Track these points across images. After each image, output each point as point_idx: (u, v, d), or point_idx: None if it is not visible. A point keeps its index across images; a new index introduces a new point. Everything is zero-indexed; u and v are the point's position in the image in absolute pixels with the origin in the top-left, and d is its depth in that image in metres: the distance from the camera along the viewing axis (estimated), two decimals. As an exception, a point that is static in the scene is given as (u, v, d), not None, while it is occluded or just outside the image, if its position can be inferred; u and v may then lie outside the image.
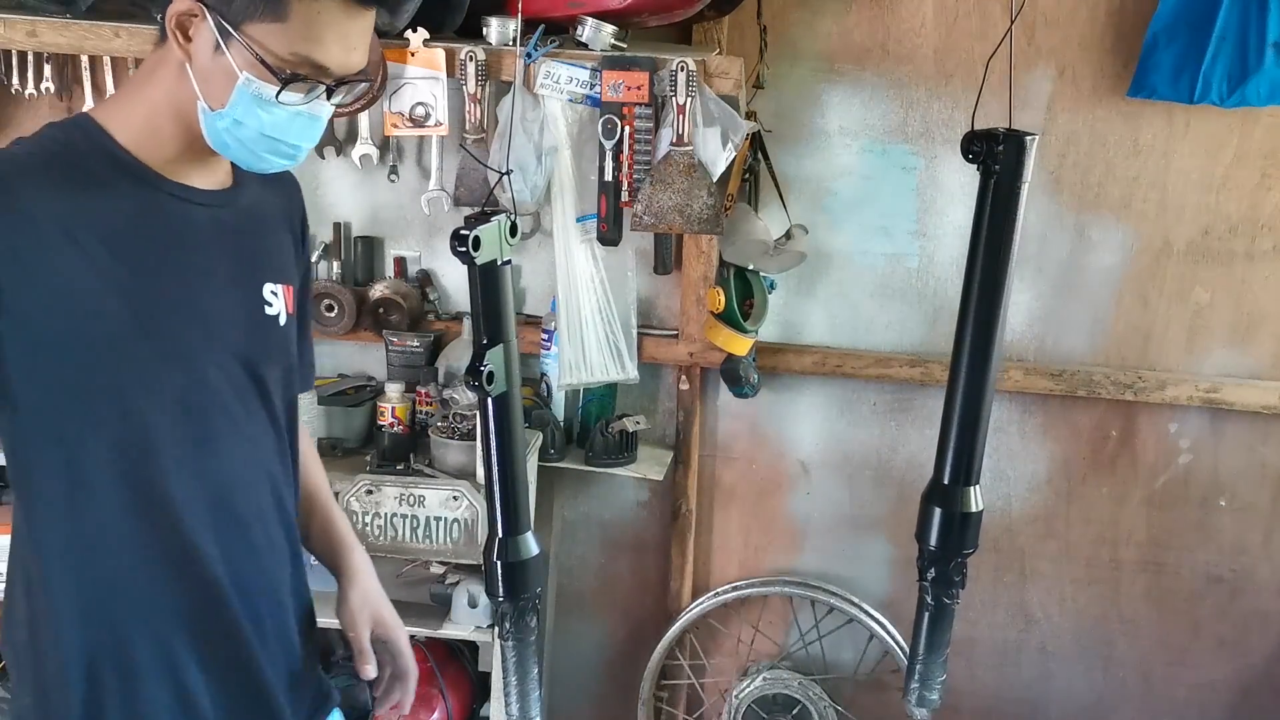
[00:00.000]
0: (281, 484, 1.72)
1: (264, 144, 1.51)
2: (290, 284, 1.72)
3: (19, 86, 2.81)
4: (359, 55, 1.50)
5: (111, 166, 1.52)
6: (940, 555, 1.26)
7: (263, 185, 1.71)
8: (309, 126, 1.53)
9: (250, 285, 1.65)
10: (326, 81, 1.49)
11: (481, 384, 1.23)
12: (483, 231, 1.21)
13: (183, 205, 1.57)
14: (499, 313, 1.25)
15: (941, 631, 1.28)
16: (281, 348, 1.69)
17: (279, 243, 1.73)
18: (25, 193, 1.43)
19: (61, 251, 1.44)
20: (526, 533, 1.26)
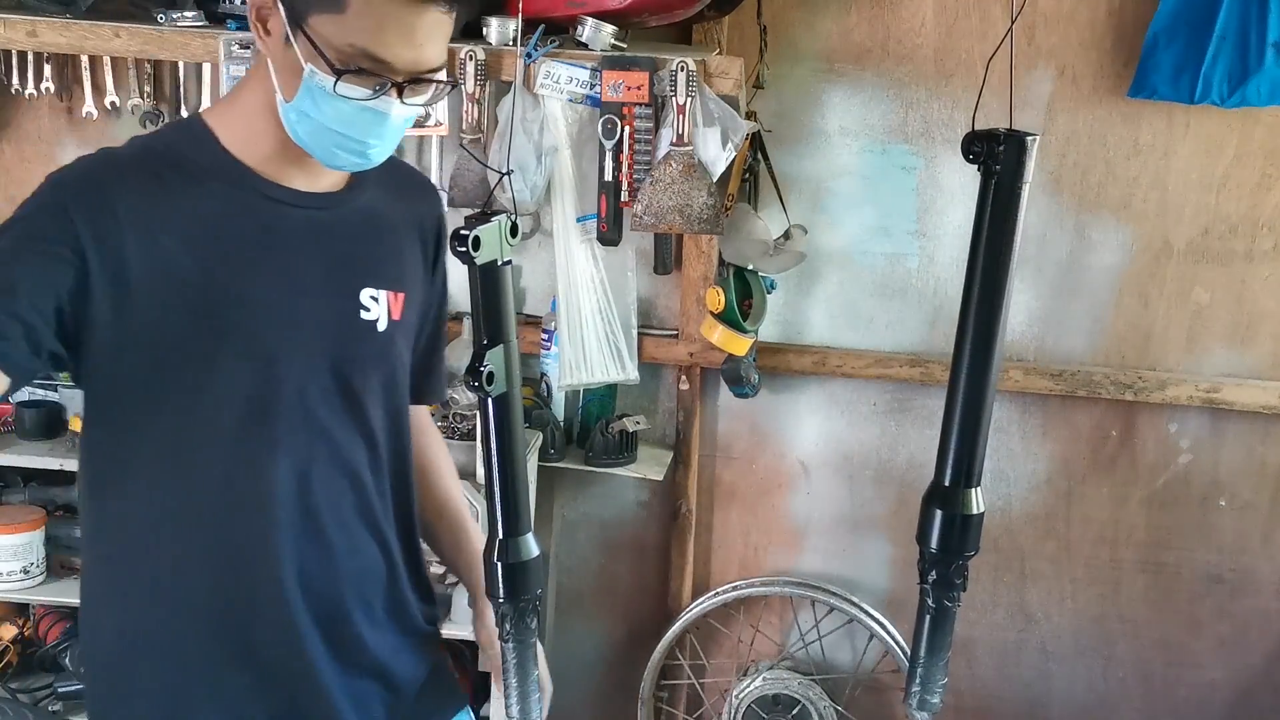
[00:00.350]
0: (372, 493, 1.67)
1: (331, 138, 1.50)
2: (400, 291, 1.66)
3: (19, 86, 2.81)
4: (429, 52, 1.46)
5: (209, 166, 1.54)
6: (941, 558, 1.25)
7: (390, 190, 1.69)
8: (376, 123, 1.49)
9: (346, 290, 1.61)
10: (392, 77, 1.46)
11: (481, 384, 1.23)
12: (483, 231, 1.21)
13: (276, 206, 1.56)
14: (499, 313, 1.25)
15: (943, 634, 1.28)
16: (379, 355, 1.64)
17: (395, 249, 1.69)
18: (112, 191, 1.48)
19: (142, 248, 1.46)
20: (527, 534, 1.26)
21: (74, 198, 1.47)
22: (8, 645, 2.99)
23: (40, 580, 2.82)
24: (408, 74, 1.46)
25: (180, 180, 1.52)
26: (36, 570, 2.81)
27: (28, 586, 2.81)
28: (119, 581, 1.59)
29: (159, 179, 1.51)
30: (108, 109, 2.80)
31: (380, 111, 1.48)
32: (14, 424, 2.87)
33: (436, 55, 1.48)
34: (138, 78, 2.81)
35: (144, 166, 1.52)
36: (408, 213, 1.72)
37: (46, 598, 2.84)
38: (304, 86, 1.46)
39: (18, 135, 2.99)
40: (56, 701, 2.92)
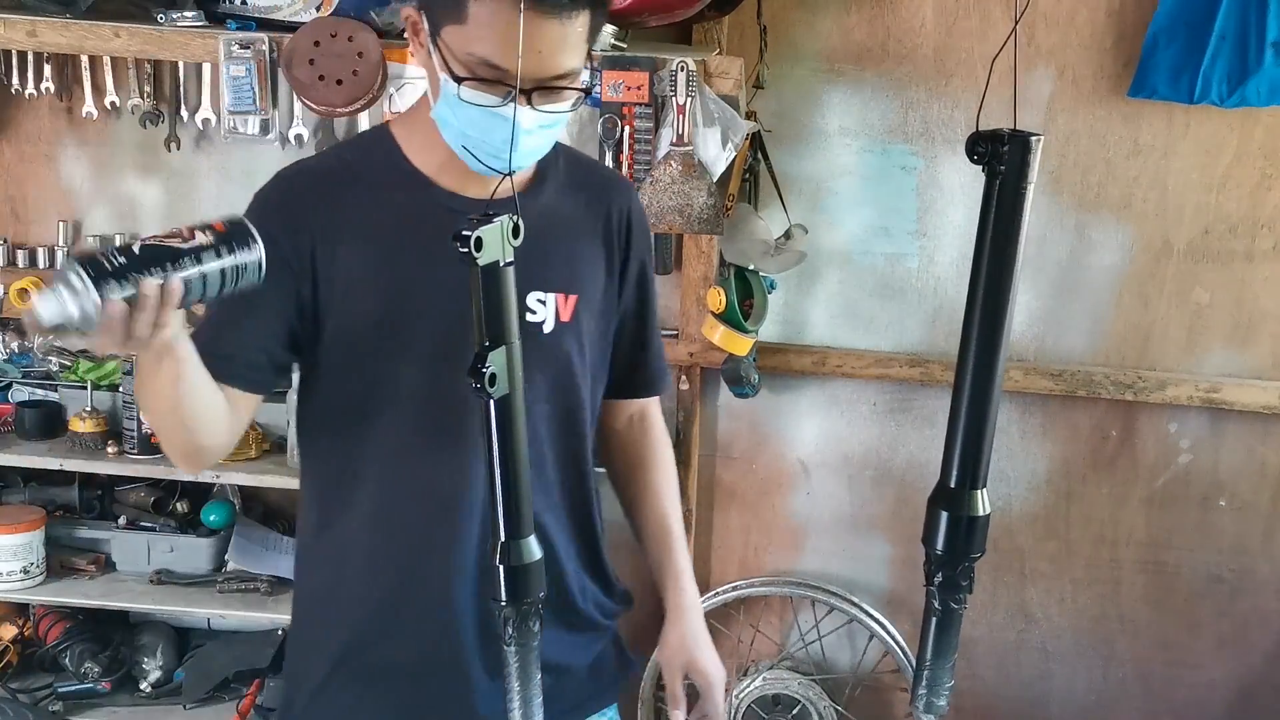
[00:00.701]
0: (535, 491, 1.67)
1: (466, 141, 1.55)
2: (572, 293, 1.68)
3: (19, 86, 2.80)
4: (552, 60, 1.48)
5: (391, 176, 1.62)
6: (947, 560, 1.25)
7: (572, 190, 1.71)
8: (506, 129, 1.49)
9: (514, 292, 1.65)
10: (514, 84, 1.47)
11: (484, 386, 1.22)
12: (485, 232, 1.21)
13: (453, 214, 1.57)
14: (501, 314, 1.25)
15: (949, 636, 1.27)
16: (546, 357, 1.67)
17: (572, 251, 1.71)
18: (306, 199, 1.60)
19: (332, 259, 1.57)
20: (529, 536, 1.26)
21: (274, 213, 1.57)
22: (8, 645, 2.99)
23: (40, 580, 2.82)
24: (532, 82, 1.49)
25: (365, 192, 1.61)
26: (36, 570, 2.81)
27: (28, 586, 2.81)
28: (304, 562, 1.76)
29: (345, 190, 1.61)
30: (108, 109, 2.80)
31: (509, 118, 1.49)
32: (14, 424, 2.87)
33: (560, 63, 1.49)
34: (138, 78, 2.81)
35: (332, 179, 1.63)
36: (589, 211, 1.73)
37: (46, 598, 2.84)
38: (441, 94, 1.53)
39: (18, 135, 2.99)
40: (56, 701, 2.92)
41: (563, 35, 1.48)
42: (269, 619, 2.87)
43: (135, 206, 3.01)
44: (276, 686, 2.92)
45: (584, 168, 1.79)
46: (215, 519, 2.94)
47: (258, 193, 1.63)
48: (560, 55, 1.49)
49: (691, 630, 1.82)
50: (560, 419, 1.72)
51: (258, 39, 2.55)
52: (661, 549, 1.86)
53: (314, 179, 1.63)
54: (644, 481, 1.90)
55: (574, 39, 1.49)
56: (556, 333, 1.68)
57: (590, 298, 1.72)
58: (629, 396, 1.86)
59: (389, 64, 2.54)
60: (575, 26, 1.48)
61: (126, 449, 2.77)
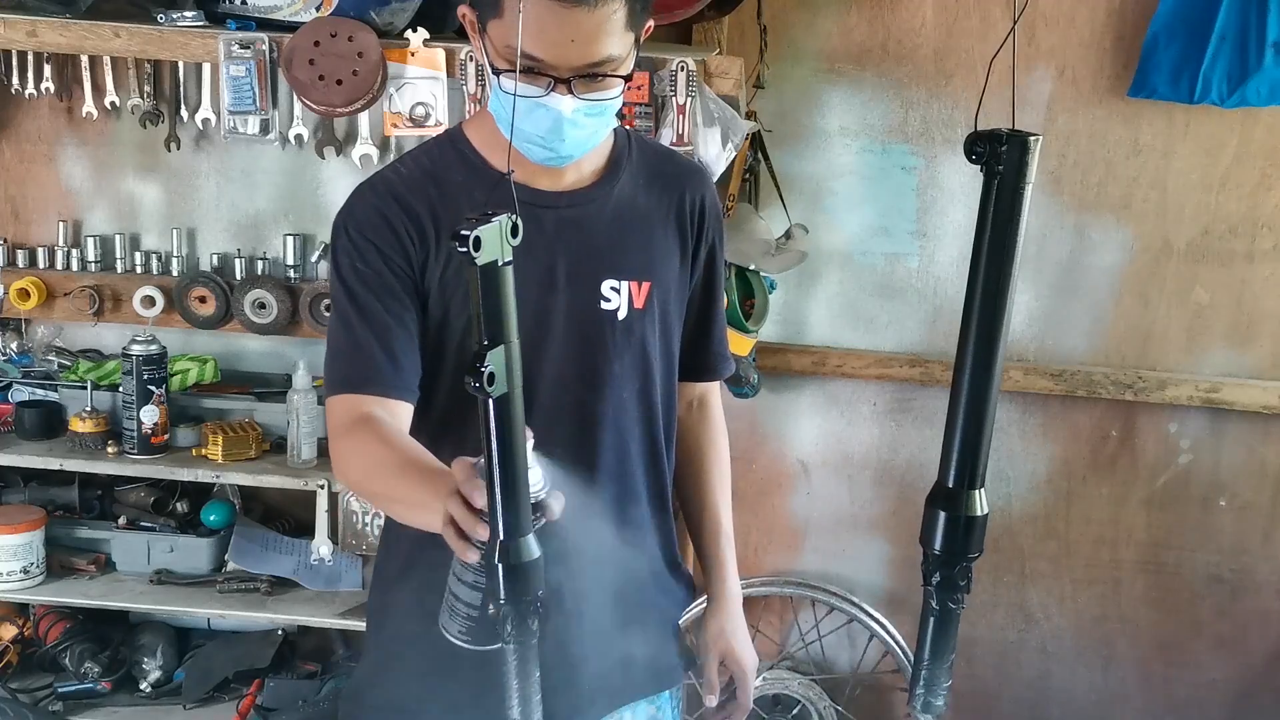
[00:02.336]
0: (614, 478, 1.74)
1: (517, 134, 1.57)
2: (645, 280, 1.71)
3: (19, 86, 2.80)
4: (586, 49, 1.50)
5: (467, 175, 1.66)
6: (945, 560, 1.25)
7: (645, 179, 1.74)
8: (548, 119, 1.54)
9: (587, 282, 1.68)
10: (553, 74, 1.51)
11: (482, 385, 1.22)
12: (484, 231, 1.20)
13: (528, 208, 1.59)
14: (500, 313, 1.24)
15: (947, 637, 1.27)
16: (621, 342, 1.70)
17: (645, 239, 1.73)
18: (403, 201, 1.63)
19: (425, 261, 1.62)
20: (529, 535, 1.25)
21: (374, 229, 1.63)
22: (8, 645, 2.99)
23: (40, 580, 2.82)
24: (569, 71, 1.51)
25: (444, 193, 1.64)
26: (36, 570, 2.81)
27: (28, 586, 2.81)
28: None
29: (427, 196, 1.64)
30: (108, 109, 2.80)
31: (550, 107, 1.53)
32: (14, 424, 2.87)
33: (595, 51, 1.51)
34: (138, 78, 2.81)
35: (414, 185, 1.65)
36: (663, 200, 1.75)
37: (46, 598, 2.84)
38: (490, 87, 1.58)
39: (18, 135, 2.99)
40: (56, 701, 2.92)
41: (595, 23, 1.49)
42: (269, 619, 2.86)
43: (135, 206, 3.01)
44: (276, 686, 2.92)
45: (659, 156, 1.80)
46: (215, 519, 2.93)
47: (347, 211, 1.67)
48: (595, 43, 1.50)
49: (731, 620, 1.89)
50: (638, 405, 1.75)
51: (258, 39, 2.55)
52: (709, 539, 1.92)
53: (398, 189, 1.65)
54: (698, 469, 1.94)
55: (610, 26, 1.50)
56: (629, 319, 1.71)
57: (664, 285, 1.74)
58: (688, 379, 1.87)
59: (389, 64, 2.53)
60: (608, 13, 1.49)
61: (126, 449, 2.77)
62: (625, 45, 1.54)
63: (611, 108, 1.59)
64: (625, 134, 1.76)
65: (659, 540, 1.84)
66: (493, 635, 1.31)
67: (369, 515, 2.65)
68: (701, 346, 1.88)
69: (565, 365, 1.68)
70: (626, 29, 1.52)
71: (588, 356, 1.69)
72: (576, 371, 1.69)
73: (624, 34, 1.52)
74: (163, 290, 2.90)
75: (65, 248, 2.98)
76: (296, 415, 2.72)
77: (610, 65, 1.53)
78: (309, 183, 2.96)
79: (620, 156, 1.73)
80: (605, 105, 1.57)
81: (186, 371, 2.91)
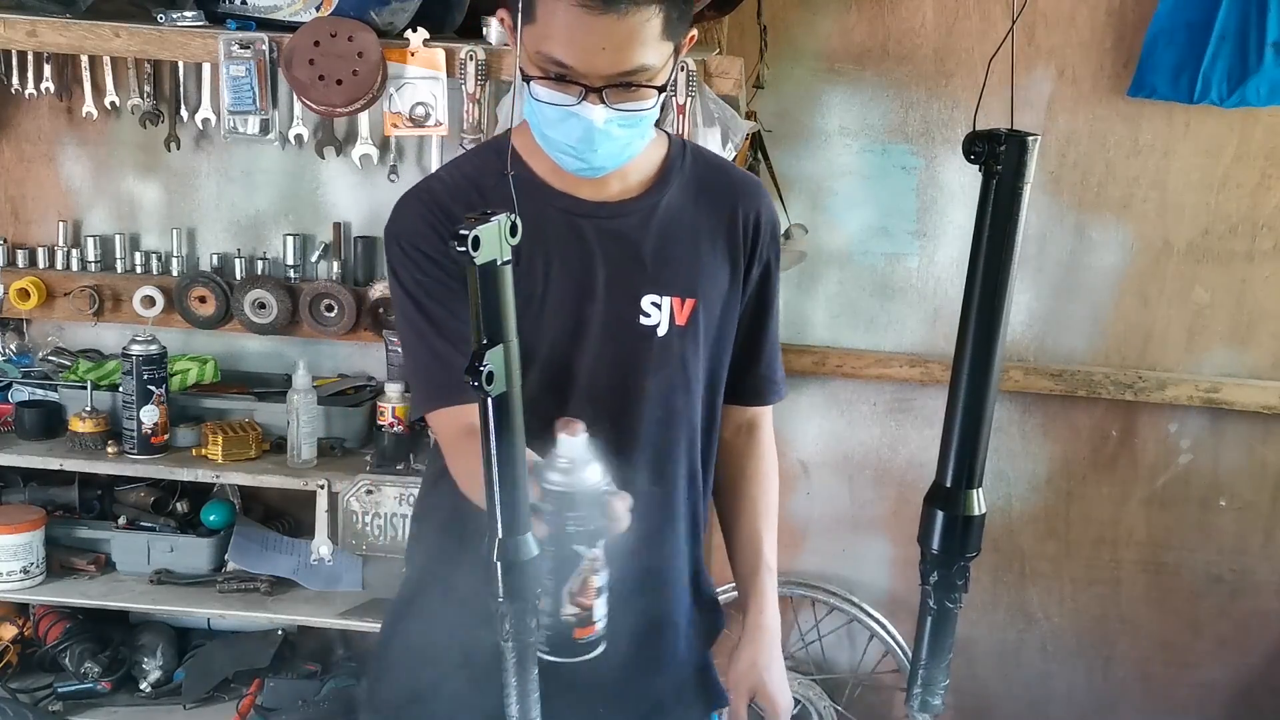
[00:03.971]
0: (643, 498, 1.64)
1: (550, 143, 1.56)
2: (690, 297, 1.66)
3: (19, 86, 2.80)
4: (619, 56, 1.46)
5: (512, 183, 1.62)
6: (943, 559, 1.25)
7: (696, 193, 1.69)
8: (579, 128, 1.51)
9: (627, 296, 1.64)
10: (583, 83, 1.48)
11: (482, 384, 1.22)
12: (483, 231, 1.20)
13: (567, 217, 1.62)
14: (499, 313, 1.24)
15: (945, 636, 1.27)
16: (658, 360, 1.66)
17: (691, 254, 1.68)
18: (446, 209, 1.61)
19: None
20: (527, 533, 1.25)
21: (424, 237, 1.60)
22: (8, 645, 2.99)
23: (40, 580, 2.82)
24: (600, 79, 1.48)
25: (485, 199, 1.60)
26: (36, 570, 2.81)
27: (28, 586, 2.80)
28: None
29: (468, 201, 1.60)
30: (108, 109, 2.80)
31: (581, 116, 1.50)
32: (14, 424, 2.87)
33: (627, 60, 1.47)
34: (138, 78, 2.81)
35: (456, 192, 1.63)
36: (714, 213, 1.69)
37: (46, 598, 2.84)
38: (526, 95, 1.54)
39: (18, 135, 2.99)
40: (56, 701, 2.92)
41: (627, 31, 1.45)
42: (269, 619, 2.86)
43: (135, 206, 3.01)
44: (276, 686, 2.92)
45: (712, 169, 1.75)
46: (215, 519, 2.93)
47: (395, 223, 1.64)
48: (627, 51, 1.46)
49: (765, 654, 1.79)
50: (675, 426, 1.69)
51: (258, 39, 2.55)
52: (748, 569, 1.83)
53: (441, 197, 1.63)
54: (742, 496, 1.85)
55: (643, 34, 1.46)
56: (669, 336, 1.66)
57: (710, 302, 1.68)
58: (734, 402, 1.81)
59: (389, 64, 2.53)
60: (640, 21, 1.45)
61: (126, 449, 2.76)
62: (661, 55, 1.49)
63: (646, 119, 1.54)
64: (680, 144, 1.72)
65: (690, 565, 1.79)
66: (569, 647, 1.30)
67: (368, 515, 2.65)
68: (750, 369, 1.81)
69: (598, 378, 1.64)
70: (662, 38, 1.48)
71: (622, 371, 1.65)
72: (609, 385, 1.65)
73: (659, 43, 1.48)
74: (163, 290, 2.90)
75: (65, 248, 2.98)
76: (296, 415, 2.72)
77: (644, 75, 1.49)
78: (309, 183, 2.96)
79: (671, 167, 1.68)
80: (639, 116, 1.53)
81: (186, 371, 2.91)
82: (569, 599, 1.29)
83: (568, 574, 1.28)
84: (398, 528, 2.65)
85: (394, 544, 2.66)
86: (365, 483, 2.65)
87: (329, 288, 2.88)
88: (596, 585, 1.30)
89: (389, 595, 2.83)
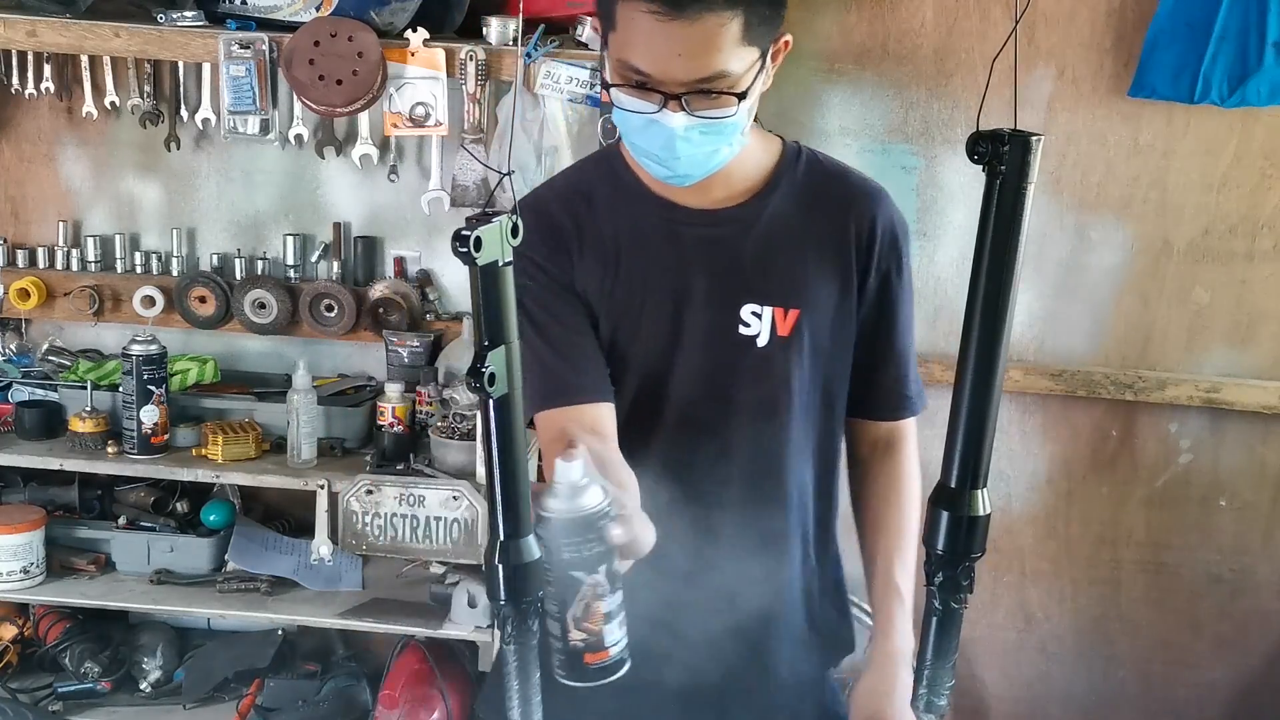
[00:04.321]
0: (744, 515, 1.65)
1: (634, 149, 1.56)
2: (794, 308, 1.62)
3: (19, 86, 2.80)
4: (692, 63, 1.44)
5: (617, 191, 1.64)
6: (948, 559, 1.25)
7: (808, 202, 1.65)
8: (660, 135, 1.49)
9: (727, 305, 1.62)
10: (661, 89, 1.46)
11: (483, 385, 1.22)
12: (484, 232, 1.20)
13: (670, 225, 1.62)
14: (501, 314, 1.24)
15: (950, 637, 1.27)
16: (759, 371, 1.63)
17: (797, 264, 1.63)
18: (553, 215, 1.62)
19: (573, 263, 1.61)
20: (528, 535, 1.25)
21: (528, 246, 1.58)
22: (8, 645, 2.99)
23: (40, 580, 2.82)
24: (678, 86, 1.46)
25: (593, 210, 1.63)
26: (36, 570, 2.81)
27: (28, 586, 2.80)
28: None
29: (574, 209, 1.63)
30: (108, 109, 2.80)
31: (662, 124, 1.48)
32: (14, 424, 2.87)
33: (703, 66, 1.44)
34: (138, 78, 2.81)
35: (564, 199, 1.65)
36: (825, 222, 1.65)
37: (46, 598, 2.84)
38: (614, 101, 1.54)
39: (18, 135, 2.99)
40: (56, 701, 2.92)
41: (702, 36, 1.42)
42: (269, 619, 2.86)
43: (135, 206, 3.01)
44: (276, 686, 2.92)
45: (829, 177, 1.70)
46: (215, 519, 2.93)
47: None
48: (703, 57, 1.43)
49: (885, 683, 1.71)
50: (777, 440, 1.66)
51: (258, 39, 2.55)
52: (875, 593, 1.77)
53: (550, 205, 1.64)
54: (873, 517, 1.79)
55: (719, 40, 1.43)
56: (771, 348, 1.62)
57: (817, 313, 1.64)
58: (862, 417, 1.77)
59: (389, 64, 2.54)
60: (713, 26, 1.42)
61: (126, 449, 2.76)
62: (743, 61, 1.46)
63: (731, 127, 1.50)
64: (795, 151, 1.69)
65: (802, 588, 1.74)
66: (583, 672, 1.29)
67: (368, 515, 2.65)
68: (875, 382, 1.75)
69: (694, 388, 1.62)
70: (743, 43, 1.44)
71: (719, 381, 1.63)
72: (706, 395, 1.63)
73: (739, 48, 1.44)
74: (163, 290, 2.90)
75: (65, 248, 2.98)
76: (296, 415, 2.72)
77: (724, 81, 1.45)
78: (309, 183, 2.96)
79: (781, 174, 1.65)
80: (721, 124, 1.49)
81: (186, 371, 2.91)
82: (574, 625, 1.28)
83: (569, 600, 1.27)
84: (398, 528, 2.65)
85: (394, 544, 2.66)
86: (365, 483, 2.65)
87: (329, 288, 2.88)
88: (604, 610, 1.29)
89: (389, 595, 2.85)
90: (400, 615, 2.77)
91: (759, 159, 1.64)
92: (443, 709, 2.83)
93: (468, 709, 2.93)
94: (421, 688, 2.82)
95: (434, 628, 2.74)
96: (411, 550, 2.68)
